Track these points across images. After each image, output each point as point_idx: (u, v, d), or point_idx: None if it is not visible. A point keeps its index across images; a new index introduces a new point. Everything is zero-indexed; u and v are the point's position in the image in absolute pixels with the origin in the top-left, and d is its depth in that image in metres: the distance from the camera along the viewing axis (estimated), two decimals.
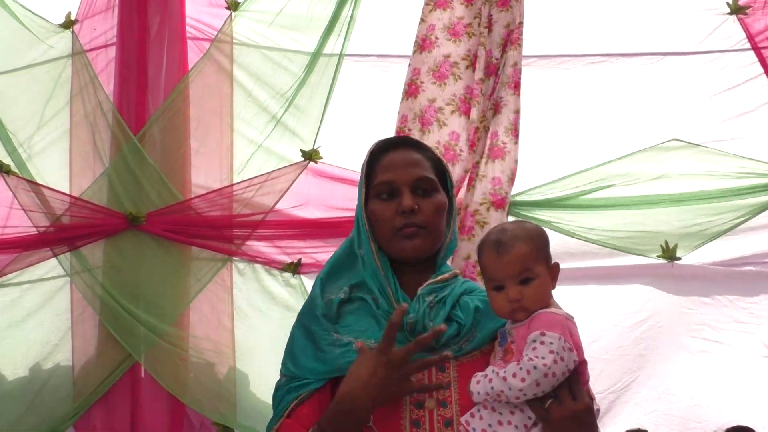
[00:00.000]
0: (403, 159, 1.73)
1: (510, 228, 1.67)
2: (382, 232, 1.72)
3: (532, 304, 1.61)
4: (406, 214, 1.69)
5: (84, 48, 3.14)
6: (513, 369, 1.55)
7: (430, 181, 1.73)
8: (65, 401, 3.04)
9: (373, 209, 1.73)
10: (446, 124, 2.81)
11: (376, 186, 1.73)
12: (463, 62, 2.81)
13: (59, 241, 3.06)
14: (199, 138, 3.18)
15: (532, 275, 1.61)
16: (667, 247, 3.08)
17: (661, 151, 3.12)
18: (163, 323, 3.08)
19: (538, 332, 1.56)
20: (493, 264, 1.63)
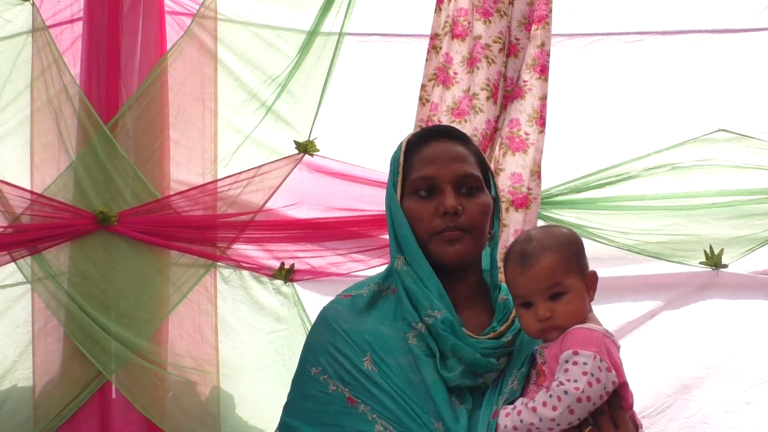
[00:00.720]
0: (446, 152, 1.61)
1: (536, 236, 1.55)
2: (420, 235, 1.59)
3: (565, 321, 1.50)
4: (449, 215, 1.56)
5: (46, 23, 2.90)
6: (542, 397, 1.45)
7: (475, 179, 1.61)
8: (24, 426, 2.85)
9: (408, 208, 1.60)
10: (482, 110, 2.57)
11: (414, 182, 1.60)
12: (496, 45, 2.57)
13: (18, 244, 2.85)
14: (179, 128, 2.96)
15: (564, 289, 1.51)
16: (712, 253, 2.87)
17: (706, 143, 2.90)
18: (137, 337, 2.87)
19: (570, 351, 1.46)
20: (518, 279, 1.53)
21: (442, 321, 1.53)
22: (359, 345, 1.56)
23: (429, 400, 1.51)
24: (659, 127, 2.92)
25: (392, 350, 1.55)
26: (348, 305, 1.62)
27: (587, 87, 2.94)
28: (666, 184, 2.89)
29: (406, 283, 1.57)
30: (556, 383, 1.44)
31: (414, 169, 1.60)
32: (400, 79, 2.92)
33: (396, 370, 1.54)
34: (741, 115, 2.92)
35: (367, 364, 1.55)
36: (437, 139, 1.63)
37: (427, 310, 1.54)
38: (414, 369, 1.54)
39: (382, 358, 1.55)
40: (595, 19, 2.96)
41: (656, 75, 2.97)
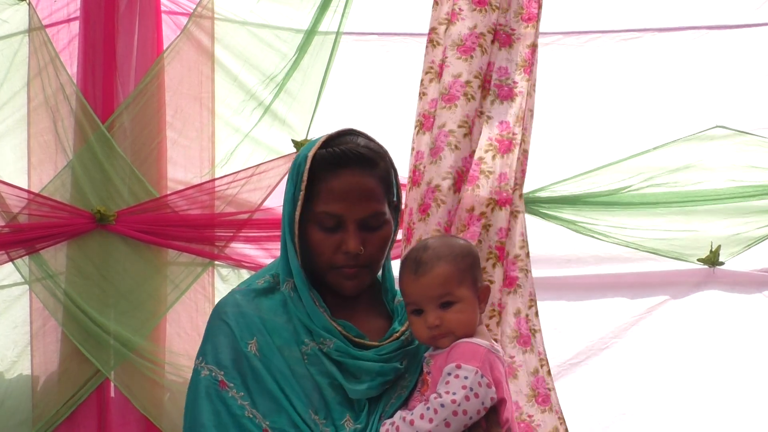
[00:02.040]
0: (356, 188, 1.56)
1: (433, 245, 1.56)
2: (319, 264, 1.59)
3: (455, 328, 1.52)
4: (350, 255, 1.56)
5: (43, 23, 2.89)
6: (420, 410, 1.47)
7: (380, 215, 1.59)
8: (23, 425, 2.84)
9: (312, 237, 1.58)
10: (474, 98, 2.53)
11: (319, 214, 1.57)
12: (489, 35, 2.52)
13: (16, 243, 2.83)
14: (177, 127, 2.95)
15: (454, 299, 1.52)
16: (711, 250, 2.85)
17: (704, 140, 2.87)
18: (136, 336, 2.86)
19: (453, 364, 1.48)
20: (411, 286, 1.54)
21: (336, 349, 1.55)
22: (248, 328, 1.55)
23: (316, 395, 1.53)
24: (657, 124, 2.89)
25: (280, 337, 1.56)
26: (243, 293, 1.61)
27: (584, 85, 2.92)
28: (663, 181, 2.86)
29: (294, 311, 1.57)
30: (435, 395, 1.45)
31: (320, 199, 1.56)
32: (398, 78, 2.89)
33: (280, 355, 1.54)
34: (738, 112, 2.89)
35: (252, 348, 1.55)
36: (348, 169, 1.56)
37: (319, 338, 1.56)
38: (303, 364, 1.55)
39: (269, 342, 1.55)
40: (592, 17, 2.94)
41: (653, 72, 2.95)
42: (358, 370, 1.55)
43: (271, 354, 1.54)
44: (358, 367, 1.55)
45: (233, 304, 1.59)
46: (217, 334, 1.56)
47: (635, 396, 2.83)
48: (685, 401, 2.86)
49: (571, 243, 2.84)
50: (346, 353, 1.55)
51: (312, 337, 1.57)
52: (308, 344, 1.56)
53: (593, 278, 2.86)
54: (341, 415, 1.53)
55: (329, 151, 1.58)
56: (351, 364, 1.55)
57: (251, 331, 1.55)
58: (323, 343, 1.56)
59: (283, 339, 1.56)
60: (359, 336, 1.59)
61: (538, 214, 2.80)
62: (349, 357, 1.55)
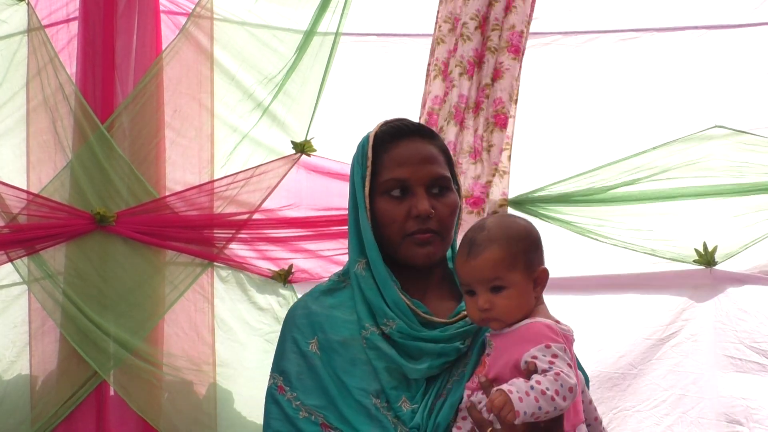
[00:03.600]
0: (418, 153, 1.60)
1: (489, 226, 1.53)
2: (390, 236, 1.59)
3: (504, 315, 1.50)
4: (421, 218, 1.57)
5: (42, 23, 2.87)
6: (554, 386, 1.41)
7: (445, 180, 1.62)
8: (22, 425, 2.81)
9: (381, 208, 1.60)
10: (456, 85, 2.53)
11: (386, 182, 1.60)
12: (472, 22, 2.51)
13: (15, 244, 2.80)
14: (176, 127, 2.93)
15: (504, 284, 1.49)
16: (705, 251, 2.83)
17: (703, 140, 2.85)
18: (134, 337, 2.84)
19: (542, 345, 1.44)
20: (463, 267, 1.52)
21: (398, 330, 1.56)
22: (311, 327, 1.61)
23: (374, 380, 1.56)
24: (655, 124, 2.88)
25: (341, 331, 1.60)
26: (309, 294, 1.68)
27: (582, 85, 2.91)
28: (661, 182, 2.84)
29: (364, 290, 1.59)
30: (565, 376, 1.40)
31: (385, 169, 1.60)
32: (397, 79, 2.89)
33: (341, 349, 1.58)
34: (737, 112, 2.88)
35: (312, 347, 1.60)
36: (408, 139, 1.62)
37: (382, 318, 1.57)
38: (363, 350, 1.57)
39: (329, 338, 1.59)
40: (590, 17, 2.93)
41: (652, 72, 2.94)
42: (419, 352, 1.55)
43: (331, 350, 1.58)
44: (419, 348, 1.55)
45: (301, 306, 1.66)
46: (283, 340, 1.64)
47: (631, 397, 2.83)
48: (683, 401, 2.84)
49: (568, 243, 2.83)
50: (408, 335, 1.56)
51: (374, 320, 1.58)
52: (368, 329, 1.58)
53: (591, 279, 2.85)
54: (397, 397, 1.54)
55: (389, 126, 1.65)
56: (412, 346, 1.55)
57: (313, 330, 1.61)
58: (386, 324, 1.57)
59: (345, 330, 1.60)
60: (427, 313, 1.59)
61: (536, 214, 2.78)
62: (410, 339, 1.56)
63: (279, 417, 1.58)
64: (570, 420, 1.46)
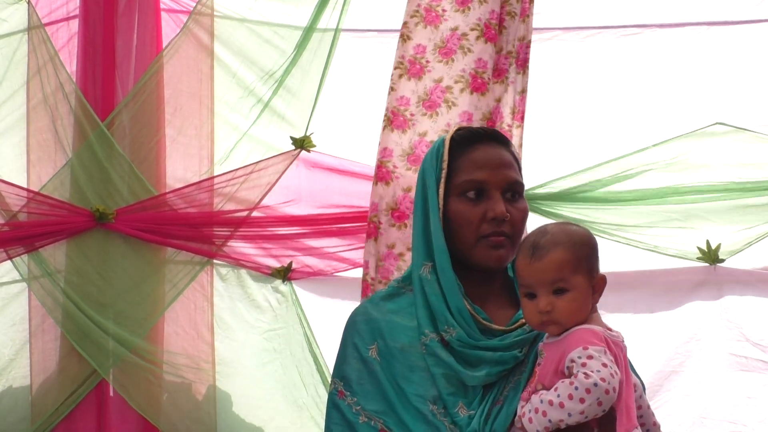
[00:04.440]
0: (496, 157, 1.62)
1: (552, 230, 1.54)
2: (464, 238, 1.60)
3: (564, 318, 1.49)
4: (497, 221, 1.58)
5: (42, 21, 2.88)
6: (567, 390, 1.42)
7: (520, 186, 1.64)
8: (21, 424, 2.82)
9: (456, 210, 1.60)
10: (456, 104, 2.52)
11: (462, 184, 1.60)
12: (473, 33, 2.50)
13: (15, 241, 2.82)
14: (176, 125, 2.94)
15: (568, 286, 1.49)
16: (709, 248, 2.81)
17: (704, 137, 2.83)
18: (134, 336, 2.85)
19: (580, 348, 1.45)
20: (526, 269, 1.52)
21: (457, 339, 1.57)
22: (371, 333, 1.62)
23: (432, 386, 1.56)
24: (657, 121, 2.86)
25: (401, 337, 1.60)
26: (371, 299, 1.70)
27: (584, 81, 2.90)
28: (663, 178, 2.83)
29: (428, 294, 1.60)
30: (582, 375, 1.41)
31: (462, 170, 1.61)
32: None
33: (400, 355, 1.59)
34: (739, 108, 2.86)
35: (372, 353, 1.60)
36: (487, 143, 1.63)
37: (443, 325, 1.58)
38: (422, 357, 1.58)
39: (389, 344, 1.60)
40: (592, 13, 2.92)
41: (654, 68, 2.92)
42: (478, 360, 1.56)
43: (389, 356, 1.59)
44: (477, 357, 1.56)
45: (362, 312, 1.67)
46: (344, 345, 1.65)
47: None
48: (687, 399, 2.82)
49: None
50: (467, 344, 1.56)
51: (435, 326, 1.59)
52: (428, 335, 1.58)
53: None
54: (454, 404, 1.55)
55: (465, 131, 1.66)
56: (471, 354, 1.56)
57: (373, 336, 1.62)
58: (446, 332, 1.57)
59: (405, 336, 1.60)
60: (487, 320, 1.59)
61: (537, 210, 2.76)
62: (469, 347, 1.56)
63: (339, 422, 1.59)
64: (623, 425, 1.46)
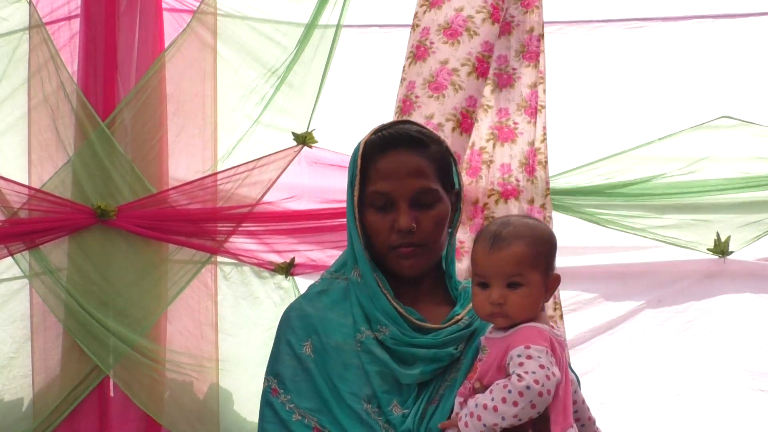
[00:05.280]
0: (402, 165, 1.59)
1: (515, 223, 1.53)
2: (378, 247, 1.62)
3: (515, 312, 1.49)
4: (403, 233, 1.57)
5: (43, 20, 2.85)
6: (501, 393, 1.41)
7: (431, 193, 1.60)
8: (23, 422, 2.79)
9: (368, 220, 1.61)
10: (462, 87, 2.48)
11: (371, 195, 1.61)
12: (479, 15, 2.47)
13: (15, 237, 2.78)
14: (178, 123, 2.91)
15: (523, 281, 1.49)
16: (719, 240, 2.80)
17: (710, 130, 2.84)
18: (135, 333, 2.82)
19: (522, 346, 1.44)
20: (484, 258, 1.51)
21: (391, 337, 1.56)
22: (305, 329, 1.61)
23: (366, 385, 1.56)
24: (662, 114, 2.86)
25: (336, 335, 1.60)
26: (305, 295, 1.68)
27: (589, 74, 2.89)
28: (670, 171, 2.83)
29: (359, 296, 1.60)
30: (515, 378, 1.41)
31: (371, 180, 1.60)
32: (399, 71, 2.78)
33: (334, 353, 1.58)
34: (745, 102, 2.86)
35: (307, 350, 1.60)
36: (395, 150, 1.60)
37: (376, 325, 1.58)
38: (356, 355, 1.58)
39: (323, 341, 1.60)
40: (597, 6, 2.91)
41: (659, 61, 2.91)
42: (412, 357, 1.56)
43: (324, 353, 1.59)
44: (412, 354, 1.56)
45: (296, 308, 1.66)
46: (278, 342, 1.65)
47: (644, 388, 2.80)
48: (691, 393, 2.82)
49: (577, 232, 2.79)
50: (401, 341, 1.56)
51: (369, 324, 1.58)
52: (364, 332, 1.59)
53: (601, 267, 2.82)
54: (388, 402, 1.55)
55: (378, 135, 1.64)
56: (405, 352, 1.56)
57: (307, 333, 1.61)
58: (380, 330, 1.57)
59: (339, 334, 1.60)
60: (420, 319, 1.59)
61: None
62: (403, 345, 1.56)
63: (272, 420, 1.59)
64: (559, 423, 1.45)
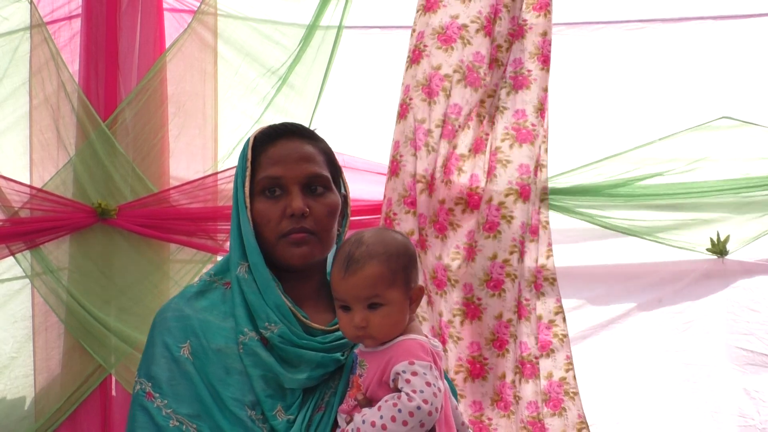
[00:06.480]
0: (294, 151, 1.58)
1: (367, 241, 1.49)
2: (267, 237, 1.56)
3: (379, 333, 1.46)
4: (296, 217, 1.54)
5: (44, 20, 2.85)
6: (390, 412, 1.39)
7: (323, 179, 1.59)
8: (24, 421, 2.79)
9: (257, 209, 1.56)
10: (450, 95, 2.51)
11: (261, 181, 1.57)
12: (473, 25, 2.50)
13: (16, 237, 2.77)
14: (179, 123, 2.92)
15: (383, 301, 1.46)
16: (718, 240, 2.82)
17: (710, 131, 2.84)
18: (137, 332, 2.80)
19: (406, 362, 1.42)
20: (340, 284, 1.48)
21: (279, 335, 1.51)
22: (183, 331, 1.54)
23: (249, 391, 1.50)
24: (663, 115, 2.87)
25: (217, 338, 1.54)
26: (180, 296, 1.61)
27: (589, 75, 2.90)
28: (670, 172, 2.83)
29: (246, 293, 1.54)
30: (406, 397, 1.38)
31: (261, 168, 1.57)
32: (400, 72, 2.79)
33: (215, 357, 1.52)
34: (745, 102, 2.86)
35: (185, 351, 1.53)
36: (285, 138, 1.59)
37: (264, 322, 1.52)
38: (238, 358, 1.52)
39: (203, 345, 1.53)
40: (598, 7, 2.92)
41: (659, 63, 2.91)
42: (299, 359, 1.51)
43: (204, 356, 1.52)
44: (299, 356, 1.51)
45: (173, 309, 1.58)
46: (152, 344, 1.56)
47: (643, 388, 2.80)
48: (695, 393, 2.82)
49: (576, 232, 2.80)
50: (289, 341, 1.51)
51: (254, 325, 1.53)
52: (247, 334, 1.53)
53: (599, 268, 2.82)
54: (272, 407, 1.50)
55: (269, 127, 1.64)
56: (292, 353, 1.51)
57: (185, 334, 1.54)
58: (267, 329, 1.52)
59: (220, 337, 1.54)
60: (307, 318, 1.55)
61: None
62: (291, 345, 1.51)
63: (146, 425, 1.49)
64: None
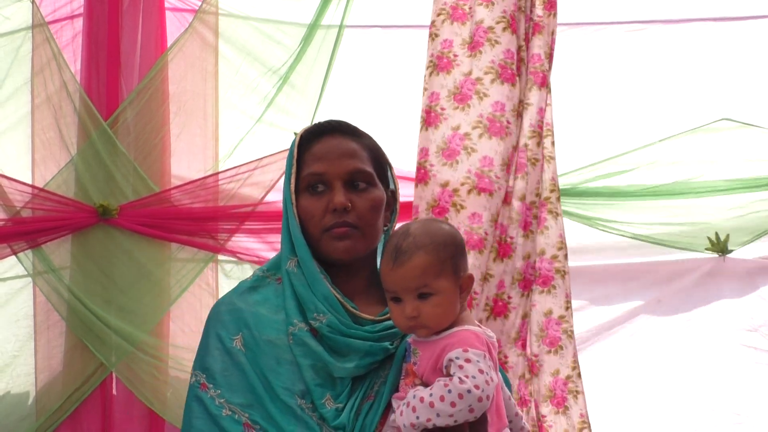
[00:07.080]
0: (336, 148, 1.62)
1: (414, 232, 1.51)
2: (311, 232, 1.60)
3: (431, 322, 1.48)
4: (338, 212, 1.57)
5: (46, 20, 2.86)
6: (440, 391, 1.41)
7: (366, 175, 1.62)
8: (26, 420, 2.79)
9: (302, 205, 1.60)
10: (487, 94, 2.50)
11: (305, 178, 1.61)
12: (499, 25, 2.49)
13: (18, 236, 2.78)
14: (180, 123, 2.92)
15: (432, 291, 1.48)
16: (718, 240, 2.84)
17: (710, 132, 2.86)
18: (138, 331, 2.82)
19: (460, 349, 1.44)
20: (389, 274, 1.50)
21: (328, 325, 1.55)
22: (236, 323, 1.59)
23: (299, 380, 1.54)
24: (663, 117, 2.88)
25: (268, 330, 1.58)
26: (234, 290, 1.66)
27: (590, 76, 2.90)
28: (670, 173, 2.85)
29: (296, 286, 1.58)
30: (457, 380, 1.40)
31: (306, 165, 1.61)
32: (401, 70, 2.88)
33: (267, 348, 1.56)
34: (745, 104, 2.88)
35: (237, 343, 1.57)
36: (329, 135, 1.63)
37: (313, 313, 1.56)
38: (288, 349, 1.56)
39: (255, 336, 1.57)
40: (598, 8, 2.92)
41: (660, 64, 2.92)
42: (348, 349, 1.54)
43: (256, 347, 1.56)
44: (348, 345, 1.54)
45: (226, 302, 1.64)
46: (206, 336, 1.61)
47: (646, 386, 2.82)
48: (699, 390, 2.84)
49: (577, 233, 2.81)
50: (338, 330, 1.55)
51: (304, 316, 1.57)
52: (297, 325, 1.56)
53: (601, 268, 2.84)
54: (321, 395, 1.53)
55: (314, 125, 1.68)
56: (341, 342, 1.54)
57: (238, 327, 1.58)
58: (316, 319, 1.55)
59: (271, 329, 1.58)
60: (356, 308, 1.58)
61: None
62: (339, 334, 1.55)
63: (201, 415, 1.54)
64: (494, 425, 1.46)
